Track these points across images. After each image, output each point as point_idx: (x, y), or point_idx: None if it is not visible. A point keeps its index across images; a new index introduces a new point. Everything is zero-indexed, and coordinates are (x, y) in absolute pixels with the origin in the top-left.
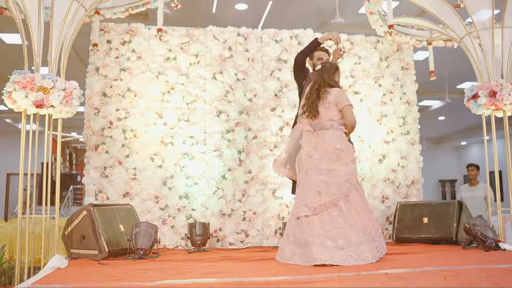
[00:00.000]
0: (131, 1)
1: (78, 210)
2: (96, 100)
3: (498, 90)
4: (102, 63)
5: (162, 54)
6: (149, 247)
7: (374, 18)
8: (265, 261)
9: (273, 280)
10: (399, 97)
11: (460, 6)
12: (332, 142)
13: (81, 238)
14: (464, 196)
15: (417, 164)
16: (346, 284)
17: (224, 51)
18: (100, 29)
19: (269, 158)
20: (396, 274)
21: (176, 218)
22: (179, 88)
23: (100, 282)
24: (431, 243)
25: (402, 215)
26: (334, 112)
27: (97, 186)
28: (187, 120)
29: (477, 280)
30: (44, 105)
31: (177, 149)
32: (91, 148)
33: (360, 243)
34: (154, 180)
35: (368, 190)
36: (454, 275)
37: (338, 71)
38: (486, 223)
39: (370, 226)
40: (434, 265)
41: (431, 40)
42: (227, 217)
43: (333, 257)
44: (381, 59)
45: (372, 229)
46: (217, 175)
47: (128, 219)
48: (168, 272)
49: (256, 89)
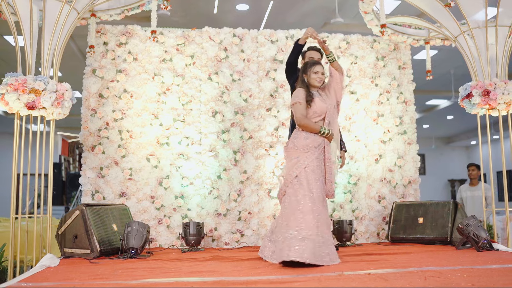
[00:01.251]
0: (127, 3)
1: (71, 210)
2: (92, 101)
3: (492, 89)
4: (99, 65)
5: (158, 55)
6: (140, 246)
7: (369, 17)
8: (253, 261)
9: (253, 279)
10: (396, 97)
11: (451, 5)
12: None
13: (74, 237)
14: (465, 196)
15: (414, 164)
16: (325, 284)
17: (220, 52)
18: (97, 31)
19: (265, 158)
20: (378, 274)
21: (172, 218)
22: (175, 89)
23: (85, 280)
24: (426, 244)
25: (397, 215)
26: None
27: (94, 186)
28: (183, 121)
29: (456, 280)
30: (36, 107)
31: (173, 149)
32: (88, 149)
33: (268, 240)
34: (150, 180)
35: (365, 190)
36: (435, 276)
37: (313, 67)
38: (479, 223)
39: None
40: (419, 266)
41: (429, 39)
42: (222, 217)
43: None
44: (378, 58)
45: (289, 229)
46: (213, 175)
47: (121, 219)
48: (154, 271)
49: (252, 89)
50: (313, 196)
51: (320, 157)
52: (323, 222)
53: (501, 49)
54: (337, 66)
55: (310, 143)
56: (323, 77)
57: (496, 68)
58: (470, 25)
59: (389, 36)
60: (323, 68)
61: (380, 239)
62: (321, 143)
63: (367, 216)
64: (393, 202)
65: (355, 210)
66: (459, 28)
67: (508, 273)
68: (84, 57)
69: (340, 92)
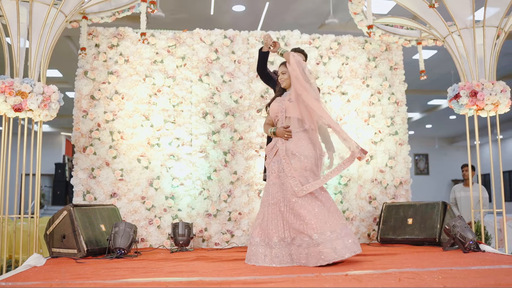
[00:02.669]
0: (117, 5)
1: (59, 210)
2: (84, 103)
3: (479, 90)
4: (90, 67)
5: (149, 57)
6: (127, 247)
7: (358, 18)
8: (237, 262)
9: (228, 280)
10: (387, 97)
11: (435, 6)
12: None
13: (62, 237)
14: (459, 196)
15: (405, 164)
16: (299, 284)
17: (211, 53)
18: (89, 33)
19: (255, 159)
20: (355, 275)
21: (162, 218)
22: (165, 90)
23: (65, 280)
24: (414, 244)
25: (387, 216)
26: None
27: (85, 187)
28: (174, 122)
29: (430, 282)
30: (23, 109)
31: (164, 150)
32: (79, 150)
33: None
34: (140, 181)
35: (355, 191)
36: (411, 277)
37: (279, 69)
38: (465, 224)
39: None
40: (400, 267)
41: (421, 39)
42: (212, 217)
43: None
44: (369, 59)
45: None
46: (203, 176)
47: (110, 219)
48: (136, 271)
49: (242, 90)
50: (270, 202)
51: (275, 159)
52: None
53: (489, 50)
54: (286, 57)
55: (267, 148)
56: (283, 77)
57: (484, 69)
58: (458, 25)
59: (380, 36)
60: (285, 68)
61: (371, 240)
62: (275, 144)
63: (358, 217)
64: (383, 203)
65: (345, 211)
66: (447, 29)
67: (485, 275)
68: None
69: (297, 82)
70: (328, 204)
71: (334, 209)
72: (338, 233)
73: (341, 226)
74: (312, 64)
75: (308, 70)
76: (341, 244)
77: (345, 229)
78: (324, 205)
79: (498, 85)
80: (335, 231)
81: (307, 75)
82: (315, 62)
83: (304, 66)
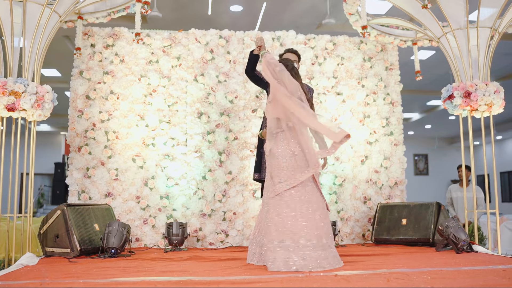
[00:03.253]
0: (113, 5)
1: (53, 209)
2: (80, 103)
3: (473, 90)
4: (86, 67)
5: (144, 57)
6: (120, 246)
7: (353, 19)
8: (229, 261)
9: (216, 280)
10: (383, 98)
11: (427, 6)
12: None
13: (55, 236)
14: (455, 196)
15: (400, 165)
16: (288, 284)
17: (206, 53)
18: (85, 33)
19: (250, 159)
20: (344, 276)
21: (157, 218)
22: (161, 90)
23: (55, 279)
24: (408, 245)
25: (381, 217)
26: None
27: (80, 187)
28: (169, 122)
29: (418, 282)
30: (16, 109)
31: (159, 150)
32: (75, 150)
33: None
34: (135, 180)
35: (350, 191)
36: (400, 278)
37: None
38: (459, 225)
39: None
40: (391, 267)
41: (416, 40)
42: (207, 217)
43: None
44: (365, 59)
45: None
46: (198, 176)
47: (104, 219)
48: (127, 270)
49: (237, 90)
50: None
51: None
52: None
53: (483, 51)
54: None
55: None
56: None
57: (478, 70)
58: (452, 26)
59: (375, 37)
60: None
61: (366, 240)
62: (265, 146)
63: (353, 217)
64: (378, 203)
65: (340, 211)
66: (441, 30)
67: (475, 275)
68: None
69: (270, 82)
70: (301, 210)
71: (309, 218)
72: (287, 244)
73: (309, 236)
74: (307, 65)
75: (279, 69)
76: (281, 256)
77: (310, 241)
78: (294, 210)
79: (492, 86)
80: (284, 241)
81: (277, 73)
82: (311, 63)
83: (275, 65)
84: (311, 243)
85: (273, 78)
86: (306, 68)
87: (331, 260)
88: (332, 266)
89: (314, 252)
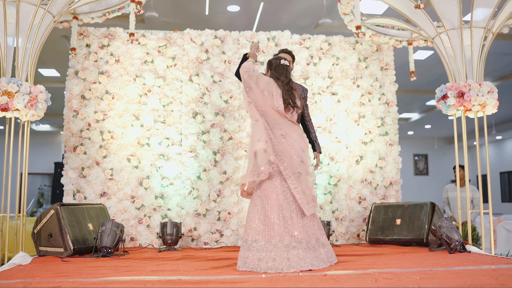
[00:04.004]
0: (108, 6)
1: (47, 209)
2: (75, 103)
3: (466, 90)
4: (81, 67)
5: (139, 57)
6: (113, 245)
7: (348, 19)
8: (222, 261)
9: (205, 279)
10: (378, 98)
11: (420, 7)
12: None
13: (49, 236)
14: (451, 196)
15: (395, 165)
16: (276, 284)
17: (201, 53)
18: (80, 34)
19: (245, 159)
20: (333, 275)
21: (152, 218)
22: (156, 90)
23: (46, 278)
24: (402, 245)
25: (376, 217)
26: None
27: (75, 186)
28: (164, 122)
29: (406, 282)
30: (9, 109)
31: (153, 150)
32: (70, 149)
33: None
34: (130, 180)
35: (345, 191)
36: (389, 278)
37: None
38: (452, 225)
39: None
40: (381, 267)
41: (412, 40)
42: (202, 217)
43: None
44: (360, 59)
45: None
46: (193, 176)
47: (98, 218)
48: (118, 269)
49: (232, 90)
50: None
51: None
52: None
53: (477, 51)
54: None
55: None
56: None
57: (472, 70)
58: (445, 26)
59: (371, 37)
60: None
61: (360, 240)
62: None
63: (348, 217)
64: (373, 203)
65: (335, 211)
66: (435, 30)
67: (464, 275)
68: None
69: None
70: (268, 207)
71: (277, 216)
72: (253, 243)
73: (270, 237)
74: (302, 65)
75: (248, 75)
76: (252, 256)
77: (278, 242)
78: (263, 207)
79: (485, 86)
80: (245, 239)
81: (246, 79)
82: (306, 63)
83: (246, 70)
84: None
85: (244, 84)
86: (301, 68)
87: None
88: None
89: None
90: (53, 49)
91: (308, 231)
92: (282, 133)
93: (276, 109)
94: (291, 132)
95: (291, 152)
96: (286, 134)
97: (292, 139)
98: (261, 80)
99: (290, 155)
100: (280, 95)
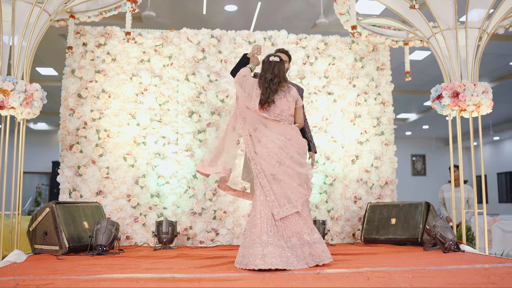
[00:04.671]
0: (104, 4)
1: (42, 207)
2: (71, 101)
3: (461, 90)
4: (78, 65)
5: (136, 56)
6: (108, 244)
7: (344, 19)
8: (217, 259)
9: (198, 277)
10: (374, 98)
11: (415, 7)
12: (300, 134)
13: (44, 234)
14: (447, 196)
15: (391, 165)
16: (268, 282)
17: (198, 52)
18: (77, 32)
19: (240, 159)
20: (326, 274)
21: (148, 216)
22: (152, 89)
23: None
24: (397, 244)
25: (371, 216)
26: (292, 106)
27: (71, 185)
28: (160, 121)
29: (397, 281)
30: (5, 107)
31: (150, 149)
32: (66, 148)
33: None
34: (126, 179)
35: (341, 191)
36: (381, 276)
37: None
38: (446, 224)
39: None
40: (374, 266)
41: (408, 40)
42: (197, 215)
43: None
44: (356, 59)
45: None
46: (188, 175)
47: (93, 217)
48: (113, 267)
49: (228, 90)
50: None
51: None
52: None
53: (472, 51)
54: None
55: None
56: None
57: (467, 70)
58: (441, 26)
59: (367, 37)
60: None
61: (356, 240)
62: None
63: (343, 216)
64: (368, 203)
65: (330, 211)
66: (431, 30)
67: (456, 274)
68: None
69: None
70: (258, 204)
71: (264, 215)
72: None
73: (259, 234)
74: (299, 64)
75: (239, 83)
76: (254, 252)
77: (268, 239)
78: (255, 206)
79: (480, 86)
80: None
81: (237, 88)
82: (302, 62)
83: (237, 79)
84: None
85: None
86: (298, 68)
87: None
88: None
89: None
90: (50, 48)
91: (285, 231)
92: (258, 136)
93: (253, 109)
94: (269, 133)
95: (265, 153)
96: (261, 137)
97: (269, 139)
98: (247, 83)
99: (264, 158)
100: (258, 94)
